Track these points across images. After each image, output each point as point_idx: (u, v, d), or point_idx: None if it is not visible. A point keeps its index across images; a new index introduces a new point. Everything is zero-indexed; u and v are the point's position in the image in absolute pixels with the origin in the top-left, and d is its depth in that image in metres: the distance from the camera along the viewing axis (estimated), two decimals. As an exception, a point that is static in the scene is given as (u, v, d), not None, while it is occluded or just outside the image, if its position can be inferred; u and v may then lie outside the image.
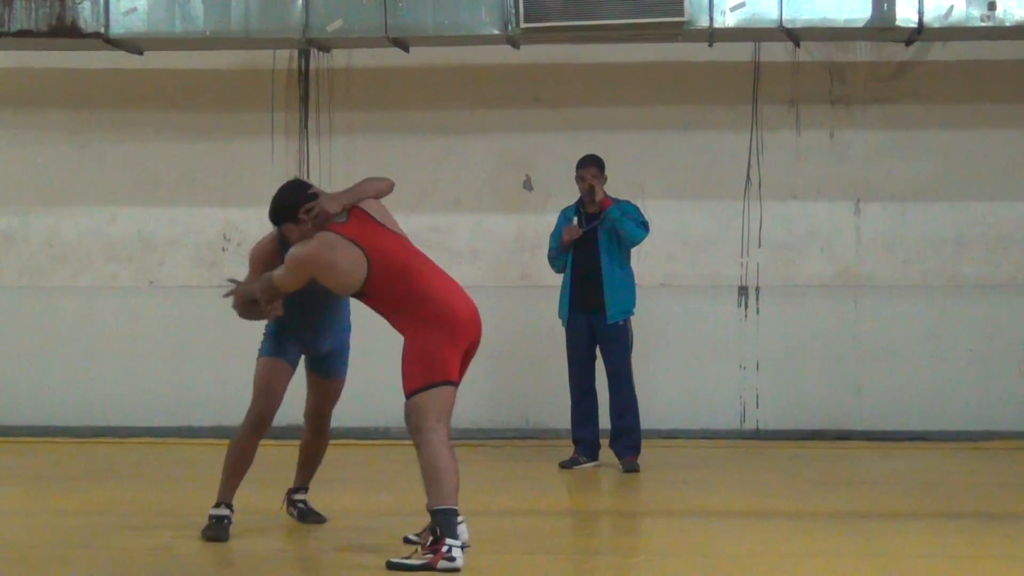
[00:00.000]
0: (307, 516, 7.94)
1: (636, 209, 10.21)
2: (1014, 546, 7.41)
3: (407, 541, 7.02)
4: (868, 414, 11.75)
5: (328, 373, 7.92)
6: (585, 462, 10.21)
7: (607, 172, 10.24)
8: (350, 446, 10.96)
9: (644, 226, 10.13)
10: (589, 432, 10.26)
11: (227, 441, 7.61)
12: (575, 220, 10.17)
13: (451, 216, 12.02)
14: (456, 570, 6.44)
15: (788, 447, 11.24)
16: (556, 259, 10.32)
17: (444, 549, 6.44)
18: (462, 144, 12.05)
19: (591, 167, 10.18)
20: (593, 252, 10.12)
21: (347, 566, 6.86)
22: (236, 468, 7.58)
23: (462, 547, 6.50)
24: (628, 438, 10.15)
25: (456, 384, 6.75)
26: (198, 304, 12.05)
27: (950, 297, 11.78)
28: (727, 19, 10.82)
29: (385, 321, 6.90)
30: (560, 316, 10.31)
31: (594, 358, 10.25)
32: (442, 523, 6.51)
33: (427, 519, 6.63)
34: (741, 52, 11.75)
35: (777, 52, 11.73)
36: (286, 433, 9.13)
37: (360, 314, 7.46)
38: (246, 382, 7.62)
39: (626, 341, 10.22)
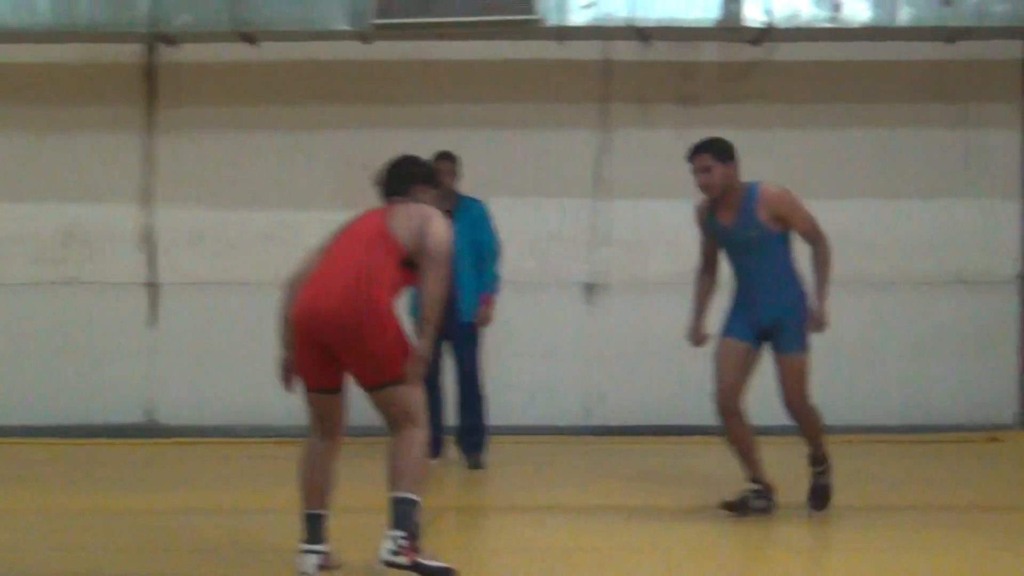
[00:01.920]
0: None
1: (485, 213, 10.29)
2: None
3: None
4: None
5: (777, 347, 7.78)
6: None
7: (460, 169, 10.30)
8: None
9: (495, 255, 10.29)
10: (432, 429, 10.21)
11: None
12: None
13: (301, 213, 11.82)
14: None
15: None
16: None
17: None
18: (311, 140, 11.94)
19: (444, 160, 10.17)
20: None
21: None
22: (750, 445, 7.92)
23: None
24: (474, 435, 10.30)
25: (311, 388, 6.69)
26: (36, 302, 11.89)
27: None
28: (577, 18, 10.89)
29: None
30: (411, 315, 10.26)
31: (440, 355, 10.23)
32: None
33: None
34: (592, 50, 11.79)
35: (629, 50, 11.78)
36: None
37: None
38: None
39: (477, 340, 10.31)
